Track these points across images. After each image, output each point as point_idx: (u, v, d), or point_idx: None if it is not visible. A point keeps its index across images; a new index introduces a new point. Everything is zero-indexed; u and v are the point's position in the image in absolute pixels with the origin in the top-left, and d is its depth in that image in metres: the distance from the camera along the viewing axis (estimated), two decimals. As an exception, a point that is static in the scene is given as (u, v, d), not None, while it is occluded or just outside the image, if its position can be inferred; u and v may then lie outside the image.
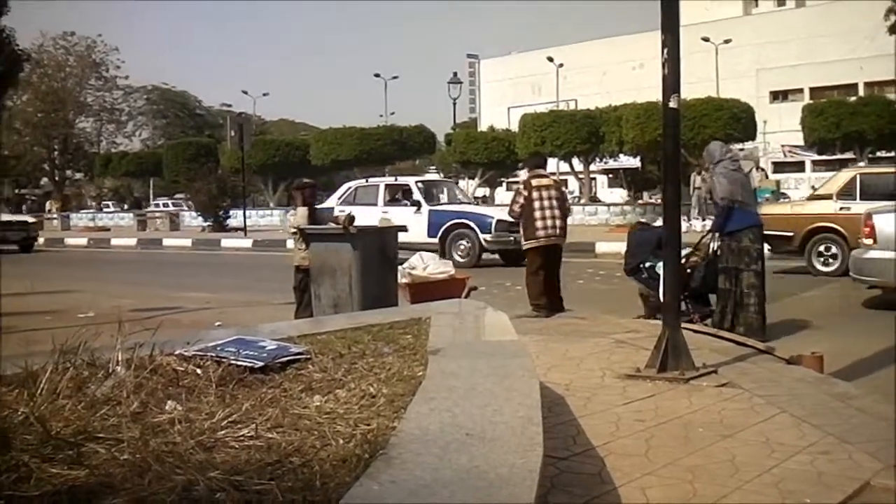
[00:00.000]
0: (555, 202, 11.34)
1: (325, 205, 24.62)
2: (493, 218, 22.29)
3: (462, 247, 22.39)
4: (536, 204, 11.32)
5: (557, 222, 11.31)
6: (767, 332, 10.38)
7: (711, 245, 10.90)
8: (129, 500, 2.59)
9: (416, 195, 23.56)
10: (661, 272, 10.01)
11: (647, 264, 11.24)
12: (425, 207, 23.03)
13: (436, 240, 22.27)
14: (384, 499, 2.49)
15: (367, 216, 21.55)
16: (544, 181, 11.58)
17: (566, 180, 48.50)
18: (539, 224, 11.28)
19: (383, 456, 2.88)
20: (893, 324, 9.80)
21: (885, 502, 4.42)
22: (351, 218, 10.82)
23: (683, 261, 10.57)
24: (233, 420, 3.45)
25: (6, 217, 36.70)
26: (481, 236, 22.13)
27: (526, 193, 11.43)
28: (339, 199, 23.93)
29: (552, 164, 46.41)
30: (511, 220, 13.05)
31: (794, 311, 11.80)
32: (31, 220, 38.68)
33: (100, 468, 2.90)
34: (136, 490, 2.67)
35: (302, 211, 11.57)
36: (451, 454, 2.89)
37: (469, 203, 26.99)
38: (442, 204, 23.96)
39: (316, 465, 2.92)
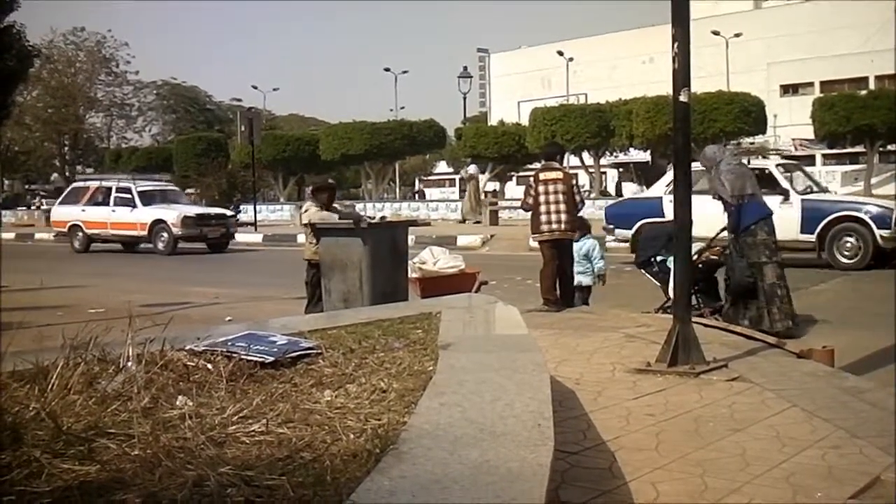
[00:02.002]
0: (561, 196, 11.30)
1: (650, 192, 21.45)
2: (893, 210, 18.22)
3: (849, 245, 18.08)
4: (542, 198, 11.31)
5: (563, 217, 11.27)
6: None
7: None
8: (141, 496, 2.60)
9: (782, 182, 18.68)
10: (671, 266, 10.04)
11: (659, 258, 11.24)
12: (796, 197, 18.42)
13: (812, 237, 18.15)
14: (395, 494, 2.49)
15: (703, 205, 17.62)
16: (552, 175, 11.53)
17: (577, 174, 48.45)
18: (543, 218, 11.28)
19: (394, 451, 2.89)
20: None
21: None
22: (359, 216, 10.85)
23: (696, 256, 10.59)
24: (243, 415, 3.46)
25: (204, 210, 32.05)
26: (877, 232, 17.70)
27: (535, 187, 11.43)
28: (669, 185, 18.60)
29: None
30: None
31: (804, 306, 11.76)
32: (229, 212, 32.84)
33: (111, 464, 2.90)
34: (147, 486, 2.68)
35: (314, 208, 11.56)
36: (462, 449, 2.89)
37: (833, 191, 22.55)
38: (811, 192, 19.39)
39: (327, 461, 2.92)
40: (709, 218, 10.92)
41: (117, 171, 74.06)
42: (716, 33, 66.92)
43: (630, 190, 62.85)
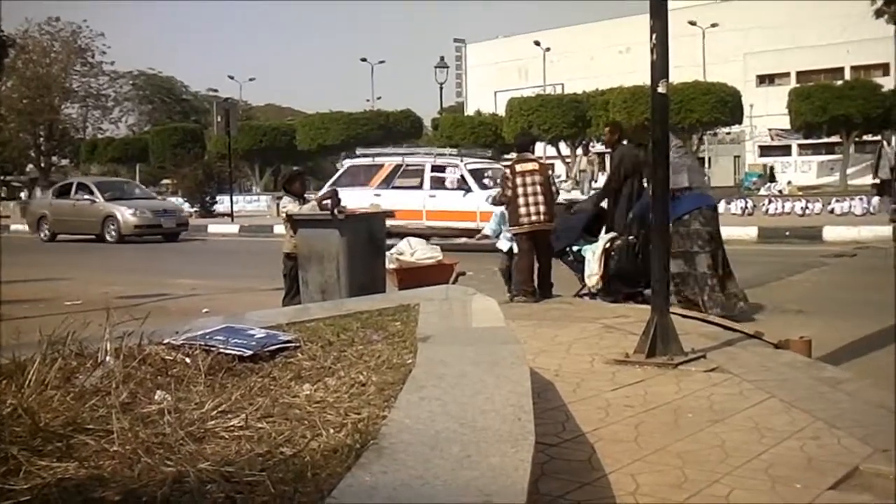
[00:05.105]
0: (539, 188, 11.35)
1: None
2: None
3: None
4: (520, 190, 11.34)
5: (541, 208, 11.33)
6: (753, 315, 10.43)
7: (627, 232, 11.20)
8: (120, 493, 2.58)
9: None
10: (586, 255, 11.16)
11: (575, 248, 11.51)
12: None
13: None
14: (376, 490, 2.48)
15: None
16: (528, 166, 11.58)
17: (553, 164, 48.47)
18: (522, 210, 11.32)
19: (374, 446, 2.87)
20: (893, 309, 9.81)
21: (874, 487, 4.43)
22: (337, 201, 10.70)
23: (608, 245, 10.96)
24: (222, 410, 3.44)
25: (572, 196, 24.47)
26: None
27: (512, 179, 11.45)
28: None
29: (539, 148, 46.46)
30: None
31: (781, 295, 11.82)
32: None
33: (89, 460, 2.88)
34: (126, 482, 2.65)
35: (291, 203, 11.47)
36: (443, 444, 2.88)
37: None
38: None
39: (307, 456, 2.90)
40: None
41: (93, 161, 73.84)
42: (692, 23, 67.14)
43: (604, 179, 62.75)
